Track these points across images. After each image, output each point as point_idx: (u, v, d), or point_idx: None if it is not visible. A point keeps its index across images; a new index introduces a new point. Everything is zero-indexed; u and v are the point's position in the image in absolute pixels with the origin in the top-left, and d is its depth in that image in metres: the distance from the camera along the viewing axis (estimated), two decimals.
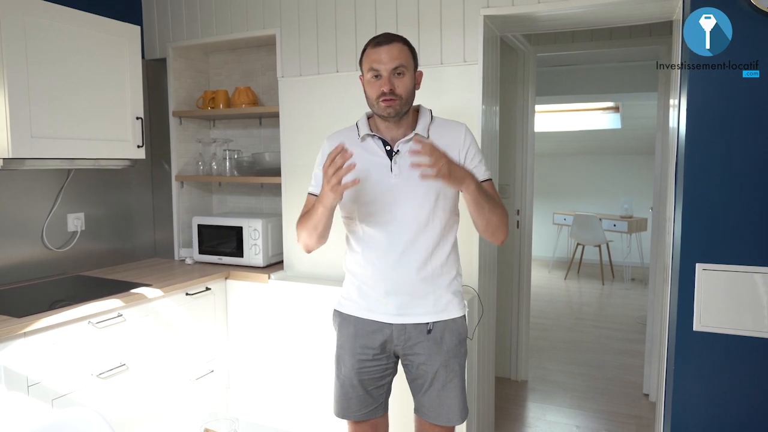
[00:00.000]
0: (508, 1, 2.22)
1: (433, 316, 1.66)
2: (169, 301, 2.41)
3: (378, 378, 1.72)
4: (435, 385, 1.67)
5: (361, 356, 1.70)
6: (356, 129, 1.70)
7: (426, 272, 1.64)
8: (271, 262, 2.82)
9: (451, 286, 1.70)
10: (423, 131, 1.64)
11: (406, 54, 1.59)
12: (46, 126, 2.18)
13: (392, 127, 1.64)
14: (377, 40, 1.59)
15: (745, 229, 1.70)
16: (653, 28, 3.10)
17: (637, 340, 4.38)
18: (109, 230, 2.85)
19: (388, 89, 1.55)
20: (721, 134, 1.71)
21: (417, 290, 1.65)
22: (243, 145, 3.15)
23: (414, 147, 1.46)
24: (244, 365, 2.71)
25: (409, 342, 1.67)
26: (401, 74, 1.57)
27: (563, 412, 3.18)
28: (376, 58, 1.57)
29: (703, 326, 1.76)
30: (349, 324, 1.73)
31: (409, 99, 1.60)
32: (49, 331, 1.93)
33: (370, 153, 1.65)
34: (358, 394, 1.71)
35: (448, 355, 1.67)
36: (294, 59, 2.64)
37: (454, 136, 1.66)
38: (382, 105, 1.57)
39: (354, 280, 1.73)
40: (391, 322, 1.67)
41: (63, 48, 2.23)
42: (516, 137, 3.50)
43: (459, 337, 1.70)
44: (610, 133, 6.67)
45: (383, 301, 1.66)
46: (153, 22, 2.99)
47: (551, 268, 7.29)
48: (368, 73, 1.59)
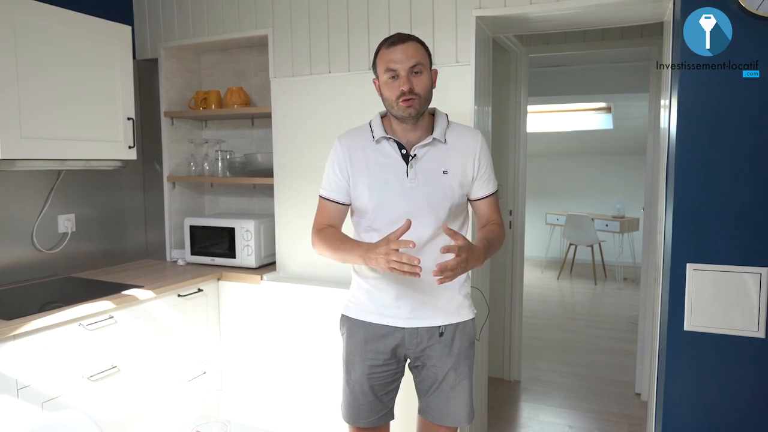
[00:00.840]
0: (500, 2, 2.22)
1: (445, 319, 1.65)
2: (160, 303, 2.40)
3: (388, 383, 1.70)
4: (444, 386, 1.66)
5: (372, 362, 1.67)
6: (369, 130, 1.66)
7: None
8: (263, 263, 2.81)
9: (462, 289, 1.69)
10: (440, 136, 1.62)
11: (422, 52, 1.57)
12: (37, 127, 2.16)
13: (409, 129, 1.61)
14: (391, 40, 1.57)
15: (735, 229, 1.71)
16: (645, 29, 3.12)
17: (629, 339, 4.41)
18: (100, 231, 2.83)
19: (407, 88, 1.52)
20: (712, 135, 1.71)
21: (429, 293, 1.63)
22: (235, 146, 3.14)
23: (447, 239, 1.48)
24: (237, 367, 2.70)
25: (420, 345, 1.65)
26: (419, 73, 1.55)
27: (556, 412, 3.19)
28: (392, 58, 1.54)
29: (694, 326, 1.77)
30: (358, 329, 1.70)
31: (427, 97, 1.58)
32: (40, 333, 1.92)
33: (384, 156, 1.62)
34: (368, 400, 1.69)
35: (459, 358, 1.66)
36: (286, 60, 2.63)
37: (471, 144, 1.65)
38: (402, 105, 1.54)
39: (363, 283, 1.70)
40: (403, 326, 1.65)
41: (53, 48, 2.22)
42: (509, 138, 3.51)
43: (469, 340, 1.69)
44: (602, 133, 6.70)
45: (394, 304, 1.64)
46: (144, 22, 2.98)
47: (544, 268, 7.31)
48: (384, 74, 1.56)
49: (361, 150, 1.65)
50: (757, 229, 1.68)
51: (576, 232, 6.62)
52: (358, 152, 1.65)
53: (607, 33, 3.27)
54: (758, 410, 1.72)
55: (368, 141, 1.65)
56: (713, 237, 1.73)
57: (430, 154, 1.62)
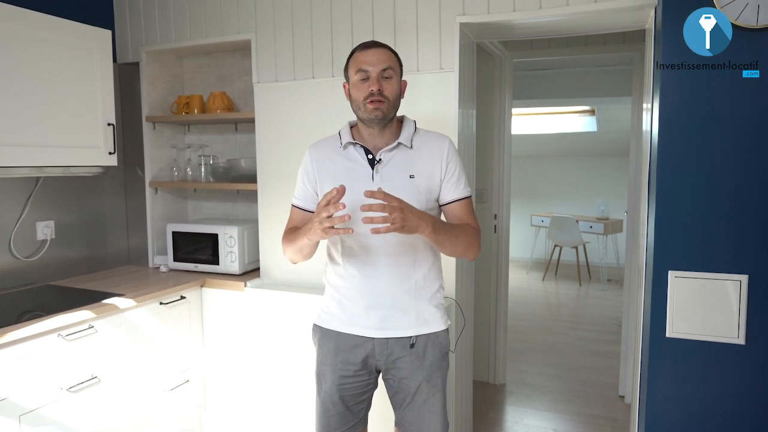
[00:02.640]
0: (483, 9, 2.22)
1: (416, 330, 1.64)
2: (142, 311, 2.36)
3: (359, 394, 1.70)
4: (417, 399, 1.65)
5: (342, 372, 1.66)
6: (338, 138, 1.68)
7: (408, 285, 1.62)
8: (247, 270, 2.79)
9: (434, 299, 1.68)
10: (407, 141, 1.62)
11: (394, 59, 1.61)
12: (12, 134, 2.12)
13: (376, 135, 1.62)
14: (365, 44, 1.61)
15: (716, 237, 1.72)
16: (627, 36, 3.15)
17: (613, 341, 4.44)
18: (80, 238, 2.79)
19: (376, 89, 1.54)
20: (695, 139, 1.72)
21: (399, 303, 1.62)
22: (218, 151, 3.10)
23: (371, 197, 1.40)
24: (221, 375, 2.68)
25: (391, 357, 1.64)
26: (389, 78, 1.57)
27: (541, 415, 3.21)
28: (364, 60, 1.57)
29: (676, 333, 1.78)
30: (329, 339, 1.69)
31: (395, 103, 1.60)
32: (17, 345, 1.88)
33: (351, 161, 1.63)
34: (338, 410, 1.68)
35: (431, 370, 1.65)
36: (269, 65, 2.61)
37: (438, 148, 1.64)
38: (369, 107, 1.55)
39: (334, 293, 1.69)
40: (372, 336, 1.64)
41: (30, 53, 2.18)
42: (493, 141, 3.52)
43: (442, 351, 1.68)
44: (586, 135, 6.76)
45: (364, 314, 1.63)
46: (126, 25, 2.94)
47: (529, 269, 7.35)
48: (355, 75, 1.58)
49: (328, 157, 1.67)
50: (738, 237, 1.70)
51: (561, 233, 6.67)
52: (326, 160, 1.67)
53: (591, 39, 3.30)
54: (740, 416, 1.74)
55: (336, 148, 1.66)
56: (695, 245, 1.75)
57: (396, 159, 1.62)
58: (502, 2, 2.20)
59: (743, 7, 1.69)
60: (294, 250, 1.64)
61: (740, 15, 1.68)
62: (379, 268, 1.61)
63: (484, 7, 2.22)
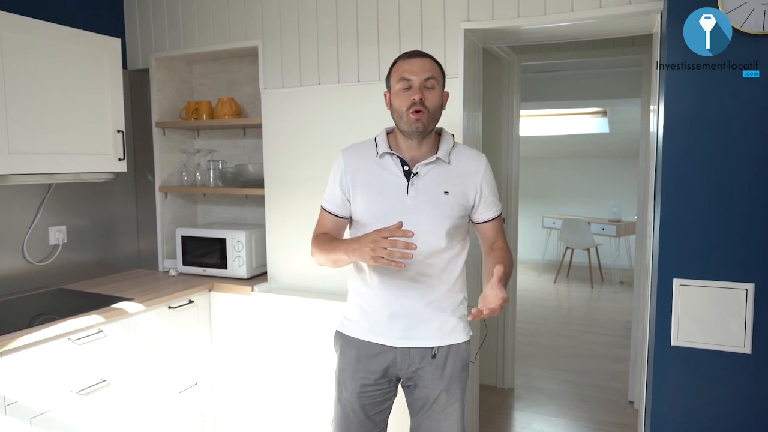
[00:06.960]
0: (488, 15, 2.22)
1: (439, 341, 1.64)
2: (151, 315, 2.40)
3: (379, 402, 1.69)
4: (435, 408, 1.64)
5: (364, 380, 1.66)
6: (374, 144, 1.66)
7: (433, 296, 1.62)
8: (255, 274, 2.81)
9: (458, 311, 1.67)
10: (444, 156, 1.61)
11: (437, 70, 1.59)
12: (24, 142, 2.16)
13: (414, 146, 1.61)
14: (409, 53, 1.60)
15: (722, 245, 1.71)
16: (636, 39, 3.12)
17: (623, 345, 4.41)
18: (91, 242, 2.83)
19: (419, 98, 1.53)
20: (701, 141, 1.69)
21: (422, 314, 1.62)
22: (227, 155, 3.14)
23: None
24: (229, 378, 2.70)
25: (412, 366, 1.64)
26: (431, 88, 1.56)
27: (548, 420, 3.19)
28: (408, 69, 1.56)
29: (681, 341, 1.77)
30: (351, 347, 1.69)
31: (435, 115, 1.59)
32: (28, 349, 1.92)
33: (386, 171, 1.62)
34: (359, 418, 1.68)
35: (451, 380, 1.64)
36: (276, 71, 2.63)
37: (475, 168, 1.64)
38: (411, 117, 1.54)
39: (359, 300, 1.69)
40: (395, 346, 1.64)
41: (41, 63, 2.22)
42: (501, 144, 3.51)
43: (462, 362, 1.67)
44: (598, 137, 6.70)
45: (387, 323, 1.63)
46: (135, 32, 2.98)
47: (541, 271, 7.31)
48: (398, 84, 1.57)
49: (363, 164, 1.64)
50: (744, 245, 1.68)
51: (572, 235, 6.63)
52: (360, 166, 1.65)
53: (599, 42, 3.28)
54: (747, 426, 1.72)
55: (371, 155, 1.64)
56: (700, 252, 1.73)
57: (433, 173, 1.61)
58: (506, 8, 2.19)
59: (749, 13, 1.67)
60: (327, 260, 1.62)
61: (746, 20, 1.67)
62: (405, 280, 1.60)
63: (489, 13, 2.22)
